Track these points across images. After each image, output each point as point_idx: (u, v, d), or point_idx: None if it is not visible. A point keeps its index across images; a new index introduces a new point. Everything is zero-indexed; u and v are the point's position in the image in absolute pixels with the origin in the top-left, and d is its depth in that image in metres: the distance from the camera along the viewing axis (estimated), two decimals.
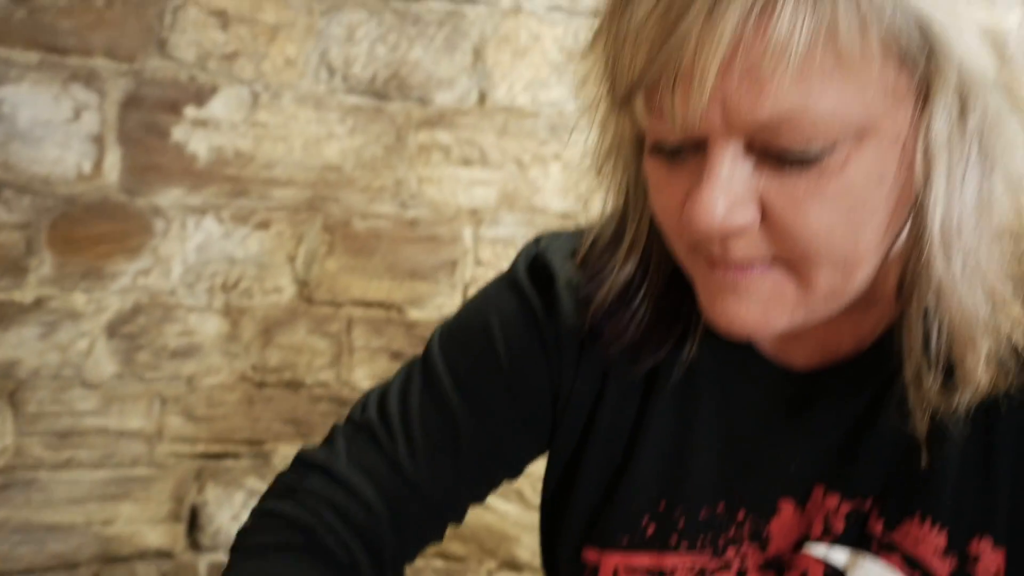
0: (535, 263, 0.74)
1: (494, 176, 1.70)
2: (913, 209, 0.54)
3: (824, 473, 0.63)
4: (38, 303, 1.51)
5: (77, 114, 1.52)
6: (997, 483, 0.57)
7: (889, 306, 0.61)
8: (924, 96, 0.51)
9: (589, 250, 0.70)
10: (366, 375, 1.69)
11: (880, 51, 0.48)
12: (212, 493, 1.64)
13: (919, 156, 0.51)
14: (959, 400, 0.55)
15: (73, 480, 1.56)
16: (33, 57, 1.49)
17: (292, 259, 1.65)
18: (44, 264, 1.51)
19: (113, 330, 1.57)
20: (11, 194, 1.49)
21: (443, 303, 1.70)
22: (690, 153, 0.54)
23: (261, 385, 1.65)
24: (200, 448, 1.63)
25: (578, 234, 0.74)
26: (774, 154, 0.51)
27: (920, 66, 0.50)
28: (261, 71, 1.61)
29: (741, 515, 0.65)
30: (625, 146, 0.64)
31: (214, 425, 1.63)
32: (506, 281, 0.76)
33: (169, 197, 1.58)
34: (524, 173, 1.70)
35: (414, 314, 1.70)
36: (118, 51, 1.53)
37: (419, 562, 1.04)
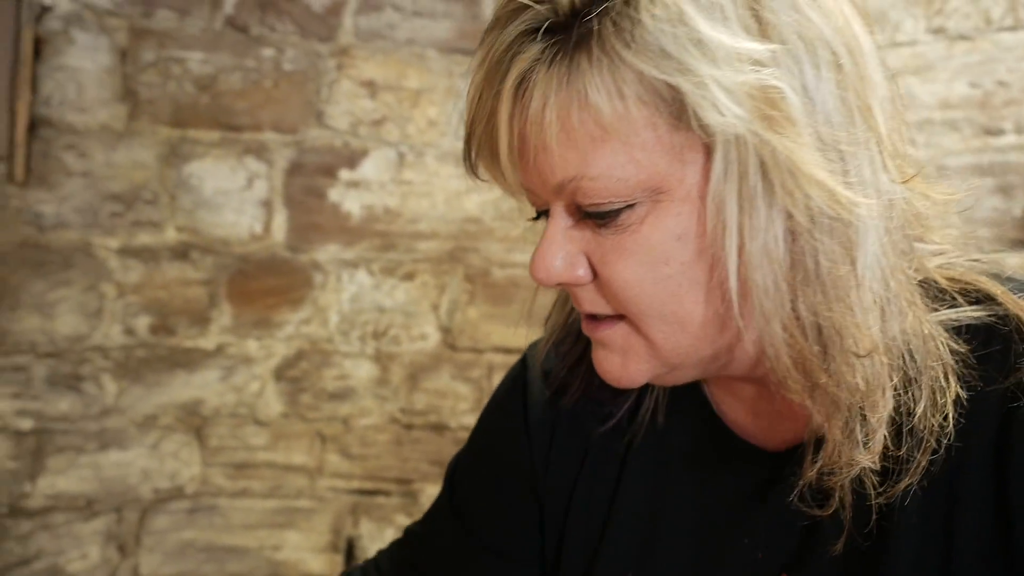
0: (515, 367, 0.75)
1: None
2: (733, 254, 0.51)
3: (787, 559, 0.59)
4: (219, 349, 1.63)
5: (250, 182, 1.63)
6: (953, 564, 0.53)
7: None
8: (707, 153, 0.50)
9: (550, 318, 0.71)
10: None
11: (646, 116, 0.49)
12: (366, 527, 1.66)
13: (710, 212, 0.50)
14: (844, 472, 0.52)
15: (247, 508, 1.65)
16: (215, 135, 1.62)
17: (436, 308, 1.65)
18: (224, 315, 1.63)
19: (280, 374, 1.65)
20: (197, 255, 1.62)
21: None
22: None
23: (409, 427, 1.65)
24: (355, 484, 1.66)
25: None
26: (585, 214, 0.53)
27: (694, 126, 0.49)
28: (406, 133, 1.63)
29: None
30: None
31: (367, 463, 1.66)
32: (498, 387, 0.78)
33: (327, 253, 1.64)
34: None
35: None
36: (283, 124, 1.63)
37: None
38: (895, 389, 0.51)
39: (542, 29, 0.50)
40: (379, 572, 0.76)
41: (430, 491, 1.66)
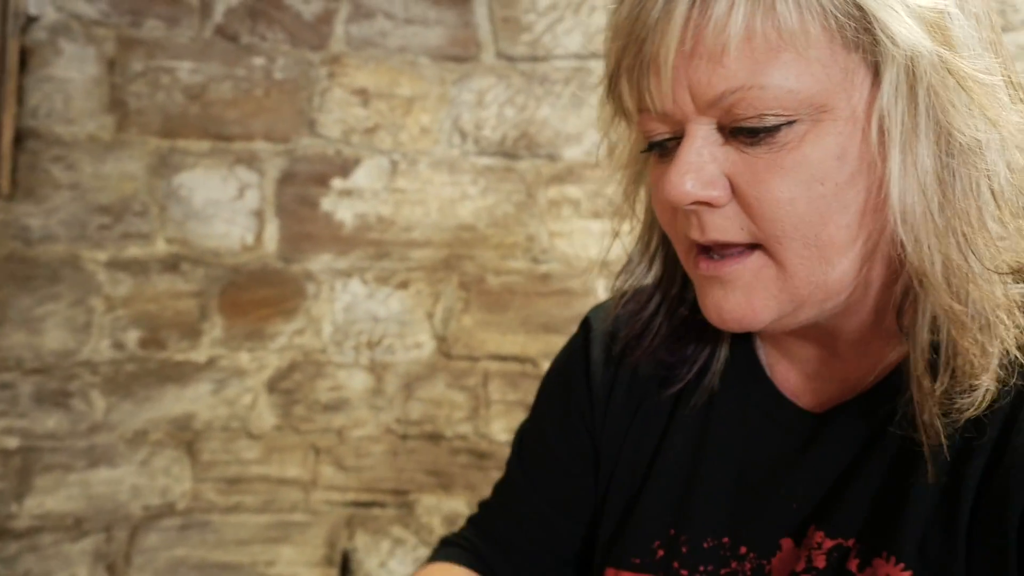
0: (577, 332, 0.74)
1: (625, 227, 1.47)
2: (883, 193, 0.51)
3: (817, 512, 0.58)
4: (211, 362, 1.50)
5: (241, 192, 1.50)
6: (958, 528, 0.52)
7: (896, 342, 0.57)
8: (875, 75, 0.50)
9: (619, 278, 0.70)
10: (503, 428, 1.51)
11: (823, 32, 0.48)
12: (361, 540, 1.52)
13: (874, 134, 0.50)
14: (964, 405, 0.50)
15: (240, 523, 1.51)
16: (205, 145, 1.50)
17: (431, 316, 1.52)
18: (215, 327, 1.50)
19: (273, 386, 1.52)
20: (188, 267, 1.49)
21: None
22: (675, 147, 0.53)
23: (404, 437, 1.52)
24: (350, 496, 1.53)
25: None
26: (737, 130, 0.51)
27: (865, 46, 0.49)
28: (399, 141, 1.52)
29: (743, 550, 0.61)
30: (636, 161, 0.64)
31: (362, 475, 1.52)
32: (558, 354, 0.77)
33: (319, 262, 1.51)
34: None
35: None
36: (275, 134, 1.51)
37: None
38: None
39: None
40: (468, 542, 0.76)
41: (426, 502, 1.53)
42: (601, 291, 1.50)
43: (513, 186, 1.53)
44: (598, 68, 1.50)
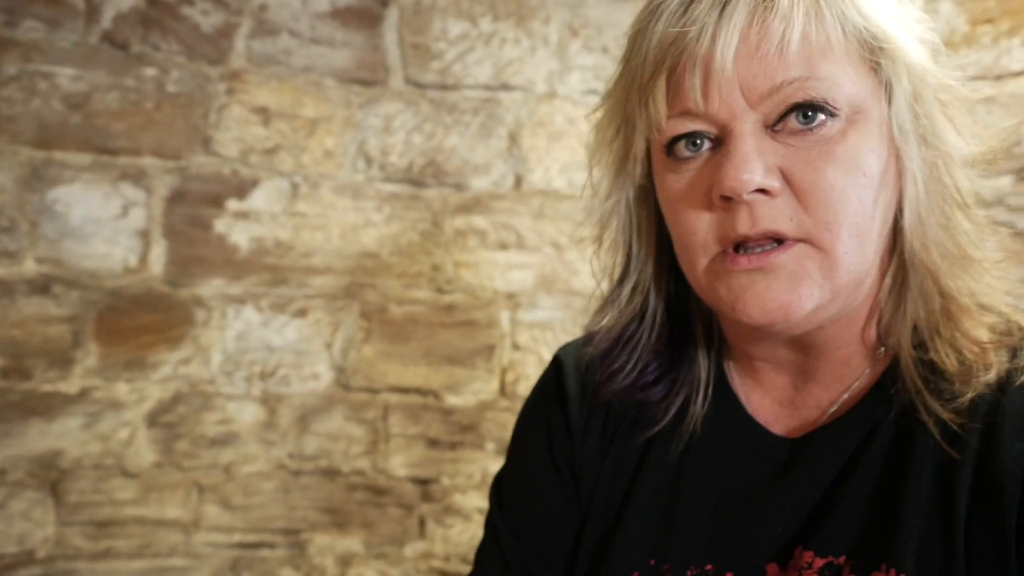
0: (549, 369, 0.74)
1: (531, 259, 1.44)
2: (896, 195, 0.57)
3: (803, 533, 0.59)
4: (83, 394, 1.34)
5: (125, 210, 1.36)
6: (956, 535, 0.53)
7: (873, 360, 0.60)
8: (889, 92, 0.56)
9: (596, 316, 0.68)
10: (402, 463, 1.42)
11: (857, 48, 0.54)
12: None
13: (896, 138, 0.55)
14: (957, 391, 0.55)
15: (111, 570, 1.35)
16: (86, 159, 1.35)
17: (329, 346, 1.42)
18: (90, 355, 1.34)
19: (153, 419, 1.37)
20: (61, 289, 1.33)
21: (480, 388, 1.43)
22: (709, 154, 0.55)
23: (297, 473, 1.40)
24: (236, 538, 1.39)
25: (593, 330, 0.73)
26: (787, 123, 0.54)
27: (881, 67, 0.55)
28: (301, 163, 1.42)
29: None
30: (629, 201, 0.64)
31: (250, 514, 1.39)
32: (529, 395, 0.76)
33: (210, 287, 1.39)
34: (561, 256, 1.43)
35: (451, 400, 1.43)
36: (165, 150, 1.38)
37: None
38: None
39: None
40: None
41: (319, 541, 1.42)
42: (505, 323, 1.45)
43: (419, 214, 1.46)
44: (507, 99, 1.47)
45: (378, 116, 1.47)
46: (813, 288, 0.54)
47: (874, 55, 0.54)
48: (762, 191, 0.54)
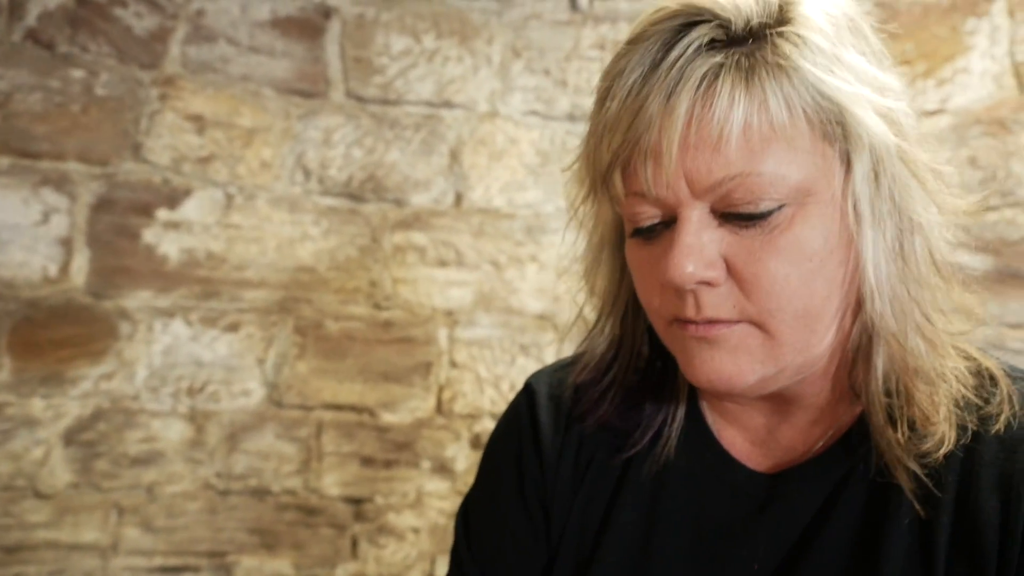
0: (520, 396, 0.72)
1: (470, 277, 1.41)
2: (855, 268, 0.55)
3: (783, 570, 0.58)
4: None
5: (46, 217, 1.27)
6: (937, 564, 0.54)
7: (847, 406, 0.60)
8: (847, 165, 0.53)
9: (580, 347, 0.68)
10: (335, 481, 1.36)
11: (807, 126, 0.52)
12: None
13: (851, 215, 0.54)
14: (927, 448, 0.54)
15: None
16: (4, 162, 1.26)
17: (262, 362, 1.36)
18: (2, 369, 1.24)
19: (71, 437, 1.28)
20: None
21: (417, 406, 1.39)
22: (663, 230, 0.55)
23: (225, 493, 1.33)
24: (157, 561, 1.31)
25: (566, 358, 0.72)
26: (732, 215, 0.53)
27: (839, 139, 0.53)
28: (236, 174, 1.36)
29: None
30: (608, 242, 0.64)
31: (173, 536, 1.31)
32: (499, 422, 0.74)
33: (137, 300, 1.31)
34: (500, 274, 1.41)
35: (387, 418, 1.38)
36: (91, 155, 1.30)
37: None
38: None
39: (714, 40, 0.52)
40: None
41: (247, 564, 1.35)
42: (443, 340, 1.42)
43: (357, 229, 1.42)
44: (449, 117, 1.44)
45: (318, 129, 1.42)
46: (755, 364, 0.54)
47: (830, 127, 0.52)
48: (705, 282, 0.53)
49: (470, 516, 0.71)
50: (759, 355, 0.54)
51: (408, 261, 1.43)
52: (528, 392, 0.71)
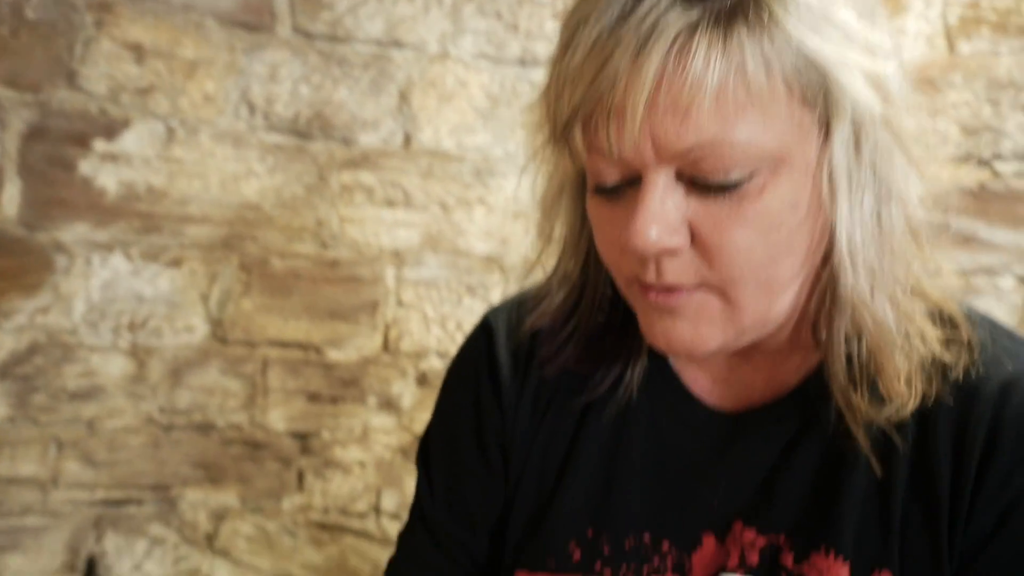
0: (477, 332, 0.71)
1: (418, 218, 1.41)
2: (825, 234, 0.53)
3: (743, 508, 0.59)
4: None
5: None
6: (892, 518, 0.55)
7: (809, 353, 0.60)
8: (825, 131, 0.51)
9: (539, 290, 0.67)
10: (281, 416, 1.37)
11: (785, 90, 0.49)
12: (112, 542, 1.30)
13: (825, 183, 0.52)
14: (888, 413, 0.54)
15: None
16: None
17: (205, 298, 1.34)
18: None
19: (5, 371, 1.24)
20: None
21: (363, 344, 1.40)
22: (627, 189, 0.53)
23: (168, 428, 1.32)
24: (100, 495, 1.30)
25: (524, 294, 0.70)
26: (700, 182, 0.50)
27: (819, 104, 0.50)
28: (178, 106, 1.31)
29: (665, 546, 0.61)
30: (569, 187, 0.62)
31: (116, 470, 1.30)
32: (455, 358, 0.73)
33: (73, 233, 1.27)
34: (448, 216, 1.41)
35: (333, 355, 1.39)
36: (22, 81, 1.24)
37: None
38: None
39: None
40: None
41: (191, 496, 1.35)
42: (390, 280, 1.42)
43: (304, 167, 1.40)
44: (399, 57, 1.42)
45: (263, 63, 1.38)
46: (715, 331, 0.53)
47: (810, 93, 0.49)
48: (667, 250, 0.51)
49: (431, 457, 0.71)
50: (719, 322, 0.53)
51: (356, 201, 1.42)
52: (486, 330, 0.69)
